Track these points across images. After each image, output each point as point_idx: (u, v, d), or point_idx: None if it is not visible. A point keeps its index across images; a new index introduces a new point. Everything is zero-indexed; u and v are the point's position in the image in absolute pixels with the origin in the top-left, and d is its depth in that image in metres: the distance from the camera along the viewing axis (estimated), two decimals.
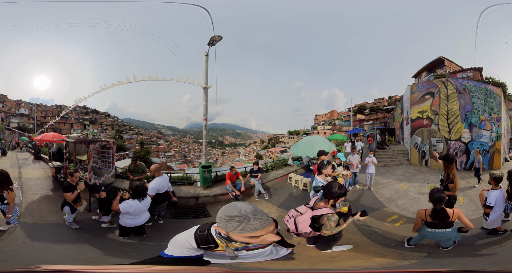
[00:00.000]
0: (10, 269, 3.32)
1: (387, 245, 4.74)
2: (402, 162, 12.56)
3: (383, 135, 18.43)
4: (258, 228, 1.58)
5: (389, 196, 7.97)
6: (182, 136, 60.25)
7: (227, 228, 1.62)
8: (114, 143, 8.20)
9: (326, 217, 3.47)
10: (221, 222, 1.63)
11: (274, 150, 38.16)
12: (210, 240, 1.85)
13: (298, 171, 10.78)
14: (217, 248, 1.87)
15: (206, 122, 10.31)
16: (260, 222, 1.58)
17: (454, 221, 4.06)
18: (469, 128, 11.10)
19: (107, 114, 45.32)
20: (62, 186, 5.71)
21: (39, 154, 12.57)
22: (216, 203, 8.24)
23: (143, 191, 4.91)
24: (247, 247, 1.82)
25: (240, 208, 1.62)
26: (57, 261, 4.24)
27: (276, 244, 2.13)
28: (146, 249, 4.85)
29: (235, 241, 1.75)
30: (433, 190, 4.10)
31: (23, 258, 4.23)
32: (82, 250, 4.76)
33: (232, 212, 1.61)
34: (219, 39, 9.77)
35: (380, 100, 35.32)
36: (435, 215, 4.00)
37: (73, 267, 2.88)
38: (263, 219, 1.60)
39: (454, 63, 19.63)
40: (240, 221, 1.57)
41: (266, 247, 1.93)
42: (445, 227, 4.05)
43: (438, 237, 4.17)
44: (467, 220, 4.03)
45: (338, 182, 3.82)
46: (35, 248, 4.72)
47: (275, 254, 2.05)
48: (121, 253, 4.74)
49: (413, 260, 3.64)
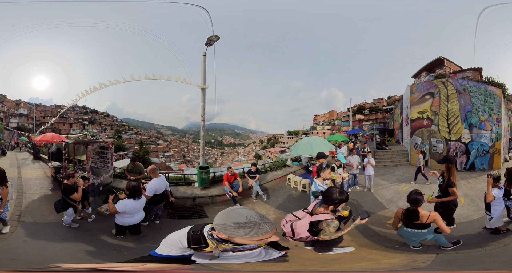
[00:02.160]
0: (30, 269, 3.33)
1: (391, 246, 4.73)
2: (402, 162, 12.53)
3: (383, 135, 18.40)
4: (268, 231, 1.66)
5: (389, 197, 7.94)
6: (181, 136, 60.16)
7: (236, 234, 1.66)
8: (112, 144, 8.20)
9: (326, 223, 3.38)
10: (227, 229, 1.66)
11: (273, 150, 38.13)
12: (202, 241, 1.89)
13: (297, 172, 10.74)
14: (206, 248, 1.90)
15: (204, 123, 10.26)
16: (268, 226, 1.67)
17: (429, 223, 4.16)
18: (469, 128, 11.09)
19: (106, 114, 45.23)
20: (62, 190, 5.69)
21: (38, 154, 12.57)
22: (213, 204, 8.22)
23: (139, 191, 5.08)
24: (235, 248, 1.87)
25: (245, 214, 1.67)
26: (58, 260, 4.32)
27: (269, 246, 2.14)
28: (140, 248, 4.95)
29: (233, 243, 1.79)
30: (411, 191, 4.22)
31: (27, 256, 4.31)
32: (79, 249, 4.87)
33: (239, 219, 1.65)
34: (217, 39, 9.75)
35: (379, 100, 35.31)
36: (406, 215, 4.16)
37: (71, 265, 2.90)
38: (269, 222, 1.69)
39: (453, 63, 19.63)
40: (251, 227, 1.63)
41: (255, 249, 1.97)
42: (420, 228, 4.17)
43: (412, 237, 4.30)
44: (443, 224, 4.11)
45: (339, 188, 3.71)
46: (36, 246, 4.83)
47: (264, 256, 2.06)
48: (115, 252, 4.83)
49: (422, 261, 3.63)
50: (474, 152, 10.98)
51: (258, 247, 1.98)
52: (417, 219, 4.09)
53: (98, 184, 7.39)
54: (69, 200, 5.61)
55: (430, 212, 4.16)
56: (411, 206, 4.14)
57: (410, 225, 4.22)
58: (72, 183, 5.66)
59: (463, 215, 6.11)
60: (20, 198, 6.93)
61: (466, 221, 5.86)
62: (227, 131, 71.72)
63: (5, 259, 4.13)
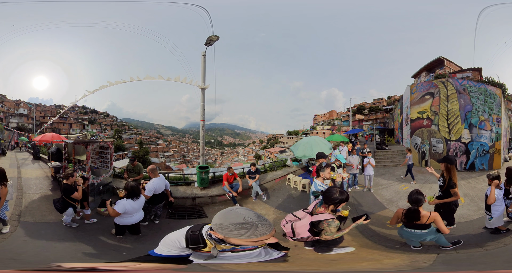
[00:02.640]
0: (31, 268, 3.32)
1: (391, 247, 4.72)
2: (401, 162, 12.51)
3: (382, 135, 18.40)
4: (265, 233, 1.64)
5: (389, 197, 7.94)
6: (181, 136, 60.15)
7: (232, 234, 1.64)
8: (112, 144, 8.19)
9: (326, 223, 3.36)
10: (224, 229, 1.65)
11: (273, 150, 38.14)
12: (200, 241, 1.88)
13: (297, 172, 10.74)
14: (204, 248, 1.89)
15: (204, 122, 10.25)
16: (266, 227, 1.65)
17: (430, 223, 4.15)
18: (469, 128, 11.10)
19: (106, 114, 45.21)
20: (62, 190, 5.68)
21: (38, 154, 12.56)
22: (212, 204, 8.22)
23: (137, 191, 5.08)
24: (234, 249, 1.86)
25: (243, 214, 1.65)
26: (58, 259, 4.31)
27: (269, 246, 2.13)
28: (139, 248, 4.96)
29: (230, 243, 1.78)
30: (412, 191, 4.19)
31: (28, 256, 4.31)
32: (79, 248, 4.87)
33: (236, 219, 1.64)
34: (216, 39, 9.73)
35: (379, 100, 35.33)
36: (408, 215, 4.14)
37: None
38: (267, 224, 1.67)
39: (453, 63, 19.63)
40: (248, 228, 1.61)
41: (255, 250, 1.96)
42: (421, 228, 4.15)
43: (412, 237, 4.28)
44: (443, 225, 4.10)
45: (339, 187, 3.69)
46: (37, 246, 4.83)
47: (264, 256, 2.05)
48: (114, 252, 4.84)
49: (423, 261, 3.62)
50: (474, 152, 10.99)
51: (258, 247, 1.97)
52: (418, 219, 4.07)
53: (98, 184, 7.40)
54: (69, 199, 5.61)
55: (431, 212, 4.15)
56: (412, 206, 4.12)
57: (411, 226, 4.21)
58: (71, 183, 5.66)
59: (463, 215, 6.10)
60: (20, 198, 6.93)
61: (466, 221, 5.86)
62: (227, 131, 71.71)
63: (5, 259, 4.13)
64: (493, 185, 4.77)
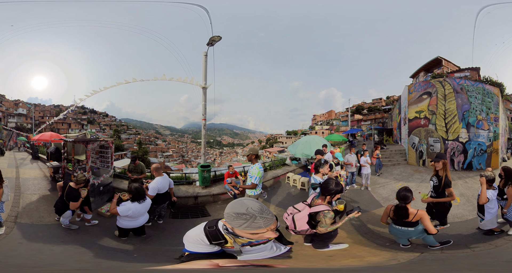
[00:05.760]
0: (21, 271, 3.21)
1: (382, 244, 4.75)
2: (399, 162, 12.61)
3: (381, 135, 18.50)
4: (261, 226, 1.67)
5: (386, 195, 8.00)
6: (180, 136, 60.15)
7: (234, 224, 1.70)
8: (112, 143, 8.17)
9: (323, 214, 3.53)
10: (229, 217, 1.71)
11: (272, 150, 38.20)
12: (219, 236, 1.91)
13: (296, 170, 10.81)
14: (227, 244, 1.93)
15: (205, 121, 10.31)
16: (264, 221, 1.68)
17: (417, 221, 4.10)
18: (466, 128, 11.16)
19: (105, 114, 45.21)
20: (66, 192, 5.38)
21: (37, 154, 12.52)
22: (215, 203, 8.24)
23: (142, 193, 4.85)
24: (251, 242, 1.90)
25: (248, 206, 1.69)
26: (54, 262, 4.09)
27: (275, 240, 2.17)
28: (148, 249, 4.77)
29: (240, 236, 1.82)
30: (401, 188, 4.18)
31: (18, 259, 4.10)
32: (82, 251, 4.64)
33: (240, 209, 1.69)
34: (219, 39, 9.77)
35: (378, 100, 35.45)
36: (395, 212, 4.15)
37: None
38: (268, 218, 1.69)
39: (451, 63, 19.75)
40: (246, 219, 1.66)
41: (267, 243, 2.00)
42: (407, 225, 4.14)
43: (399, 234, 4.28)
44: (430, 224, 4.05)
45: (335, 179, 3.88)
46: (31, 249, 4.59)
47: (276, 250, 2.10)
48: (123, 254, 4.66)
49: (402, 260, 3.63)
50: (471, 152, 11.05)
51: (268, 240, 2.00)
52: (406, 217, 4.06)
53: (98, 184, 7.33)
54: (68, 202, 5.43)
55: (418, 210, 4.10)
56: (400, 202, 4.11)
57: (399, 223, 4.21)
58: (77, 189, 5.39)
59: (457, 215, 6.07)
60: (17, 199, 6.73)
61: (460, 221, 5.79)
62: (226, 131, 71.73)
63: None
64: (482, 183, 4.63)
